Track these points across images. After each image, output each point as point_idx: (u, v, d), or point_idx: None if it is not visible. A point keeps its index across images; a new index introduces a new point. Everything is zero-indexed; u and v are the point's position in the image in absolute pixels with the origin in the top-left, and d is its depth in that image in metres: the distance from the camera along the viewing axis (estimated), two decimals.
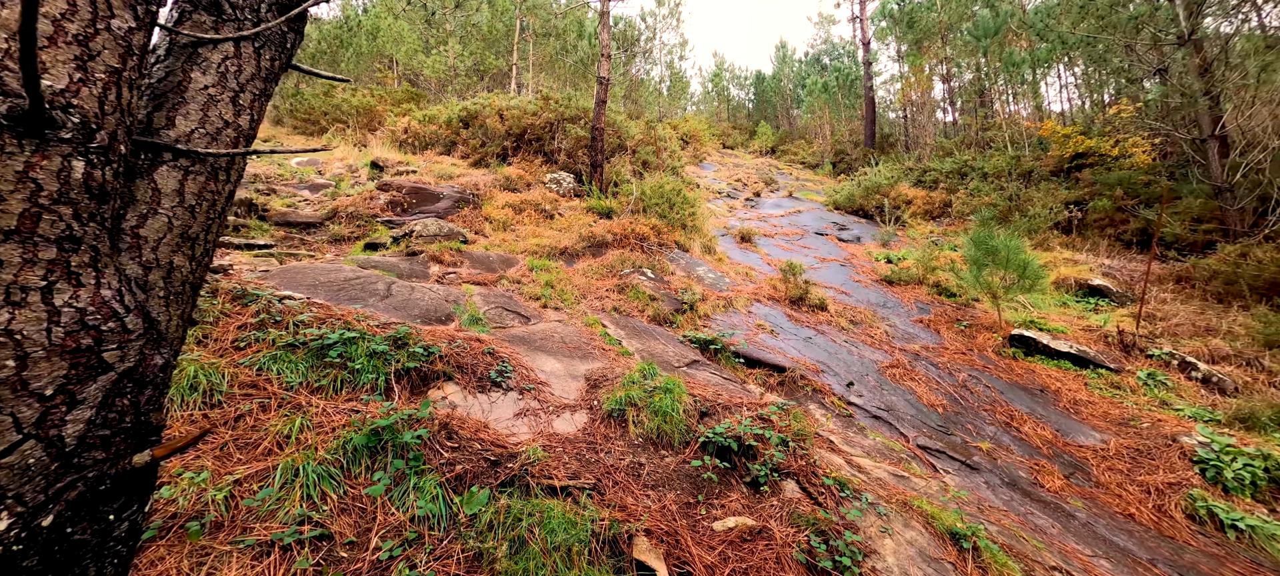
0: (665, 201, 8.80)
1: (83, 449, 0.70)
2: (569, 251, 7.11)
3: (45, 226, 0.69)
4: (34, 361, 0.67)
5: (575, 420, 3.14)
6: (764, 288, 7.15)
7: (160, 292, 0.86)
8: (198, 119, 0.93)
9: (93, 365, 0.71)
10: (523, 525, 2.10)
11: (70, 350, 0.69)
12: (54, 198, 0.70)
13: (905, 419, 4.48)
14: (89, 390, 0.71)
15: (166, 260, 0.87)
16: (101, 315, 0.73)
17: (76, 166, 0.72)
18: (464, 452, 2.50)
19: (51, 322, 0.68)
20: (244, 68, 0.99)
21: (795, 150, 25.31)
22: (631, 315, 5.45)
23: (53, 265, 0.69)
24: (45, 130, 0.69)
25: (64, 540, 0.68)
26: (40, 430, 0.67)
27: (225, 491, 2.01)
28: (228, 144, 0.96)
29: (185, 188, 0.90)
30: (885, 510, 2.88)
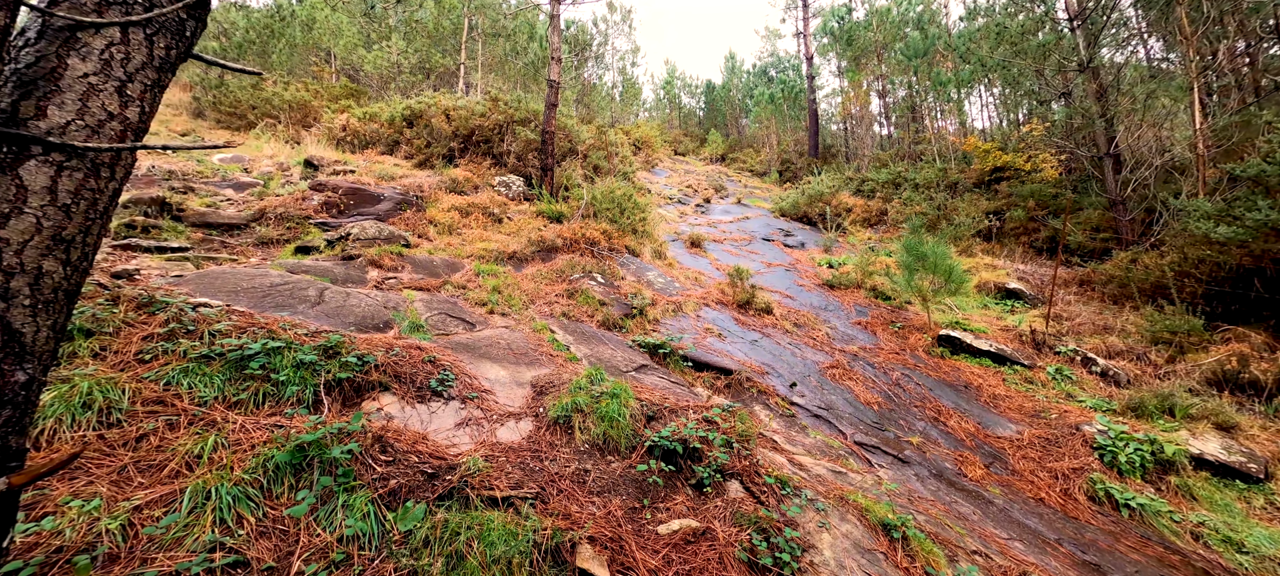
0: (616, 206, 8.82)
1: None
2: (518, 256, 6.98)
3: None
4: None
5: (520, 428, 3.07)
6: (713, 292, 7.29)
7: (25, 301, 0.77)
8: (75, 110, 0.84)
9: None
10: (460, 539, 2.03)
11: None
12: None
13: (844, 417, 4.69)
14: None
15: (34, 265, 0.78)
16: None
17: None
18: (399, 466, 2.39)
19: None
20: (133, 56, 0.91)
21: (744, 158, 26.05)
22: (581, 320, 5.41)
23: None
24: None
25: None
26: None
27: (121, 519, 1.82)
28: (113, 138, 0.88)
29: (58, 185, 0.81)
30: (823, 505, 3.00)
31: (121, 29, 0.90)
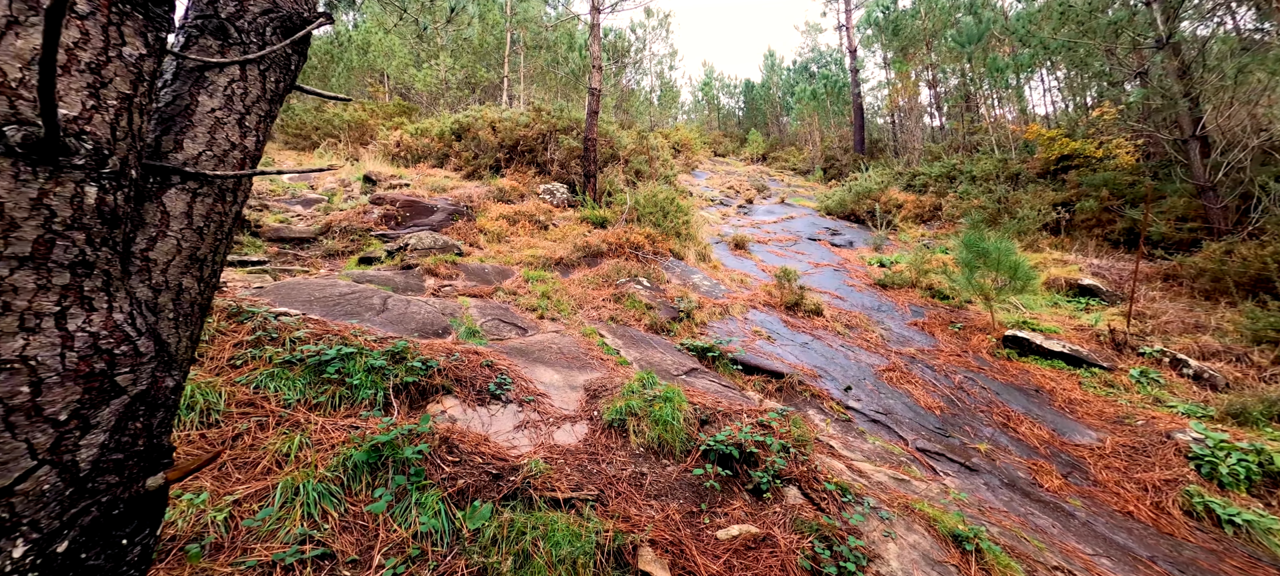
0: (659, 210, 8.84)
1: (97, 473, 0.69)
2: (564, 262, 7.11)
3: (59, 252, 0.69)
4: (48, 387, 0.67)
5: (576, 431, 3.13)
6: (759, 294, 7.18)
7: (170, 315, 0.86)
8: (205, 141, 0.93)
9: (106, 389, 0.71)
10: (527, 539, 2.09)
11: (83, 375, 0.69)
12: (67, 224, 0.70)
13: (904, 422, 4.50)
14: (102, 414, 0.70)
15: (176, 282, 0.87)
16: (114, 339, 0.73)
17: (89, 192, 0.72)
18: (465, 466, 2.48)
19: (65, 348, 0.69)
20: (250, 90, 1.00)
21: (786, 157, 25.53)
22: (628, 324, 5.45)
23: (66, 291, 0.69)
24: (59, 157, 0.69)
25: (78, 566, 0.68)
26: (55, 455, 0.66)
27: (225, 512, 1.99)
28: (234, 165, 0.97)
29: (193, 209, 0.90)
30: (888, 514, 2.89)
31: (240, 67, 0.99)
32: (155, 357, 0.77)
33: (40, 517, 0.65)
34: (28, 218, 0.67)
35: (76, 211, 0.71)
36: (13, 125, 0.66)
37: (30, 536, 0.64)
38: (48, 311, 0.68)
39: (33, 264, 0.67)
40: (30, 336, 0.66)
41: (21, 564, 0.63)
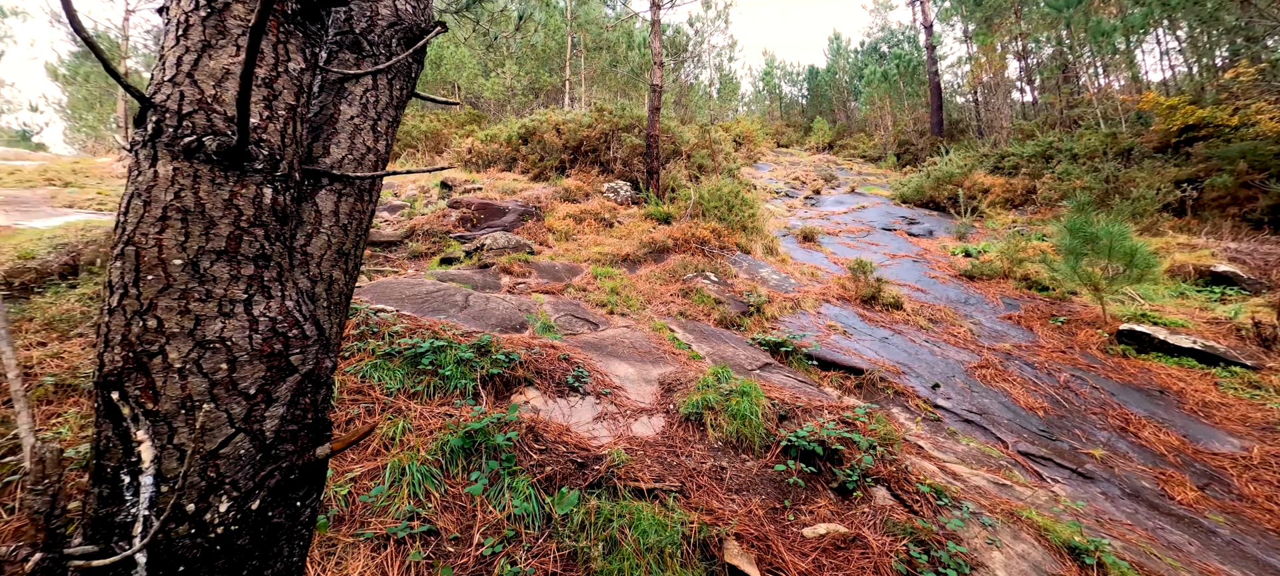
0: (724, 204, 8.71)
1: (278, 442, 0.78)
2: (631, 258, 7.19)
3: (245, 246, 0.79)
4: (240, 365, 0.76)
5: (653, 424, 3.16)
6: (832, 287, 6.89)
7: (324, 304, 0.95)
8: (347, 146, 1.02)
9: (283, 367, 0.80)
10: (614, 526, 2.13)
11: (266, 354, 0.79)
12: (251, 221, 0.79)
13: (1001, 423, 4.16)
14: (281, 389, 0.79)
15: (328, 274, 0.96)
16: (287, 323, 0.82)
17: (267, 193, 0.81)
18: (551, 454, 2.57)
19: (252, 331, 0.78)
20: (381, 98, 1.09)
21: (855, 144, 24.30)
22: (698, 319, 5.42)
23: (251, 280, 0.79)
24: (243, 162, 0.79)
25: (266, 522, 0.77)
26: (247, 425, 0.76)
27: (345, 488, 2.19)
28: (370, 167, 1.06)
29: (340, 208, 0.99)
30: (990, 520, 2.68)
31: (373, 77, 1.07)
32: (317, 341, 0.86)
33: (239, 478, 0.74)
34: (222, 216, 0.76)
35: (257, 210, 0.80)
36: (210, 135, 0.76)
37: (232, 494, 0.73)
38: (238, 298, 0.77)
39: (226, 257, 0.77)
40: (226, 320, 0.76)
41: (226, 517, 0.72)
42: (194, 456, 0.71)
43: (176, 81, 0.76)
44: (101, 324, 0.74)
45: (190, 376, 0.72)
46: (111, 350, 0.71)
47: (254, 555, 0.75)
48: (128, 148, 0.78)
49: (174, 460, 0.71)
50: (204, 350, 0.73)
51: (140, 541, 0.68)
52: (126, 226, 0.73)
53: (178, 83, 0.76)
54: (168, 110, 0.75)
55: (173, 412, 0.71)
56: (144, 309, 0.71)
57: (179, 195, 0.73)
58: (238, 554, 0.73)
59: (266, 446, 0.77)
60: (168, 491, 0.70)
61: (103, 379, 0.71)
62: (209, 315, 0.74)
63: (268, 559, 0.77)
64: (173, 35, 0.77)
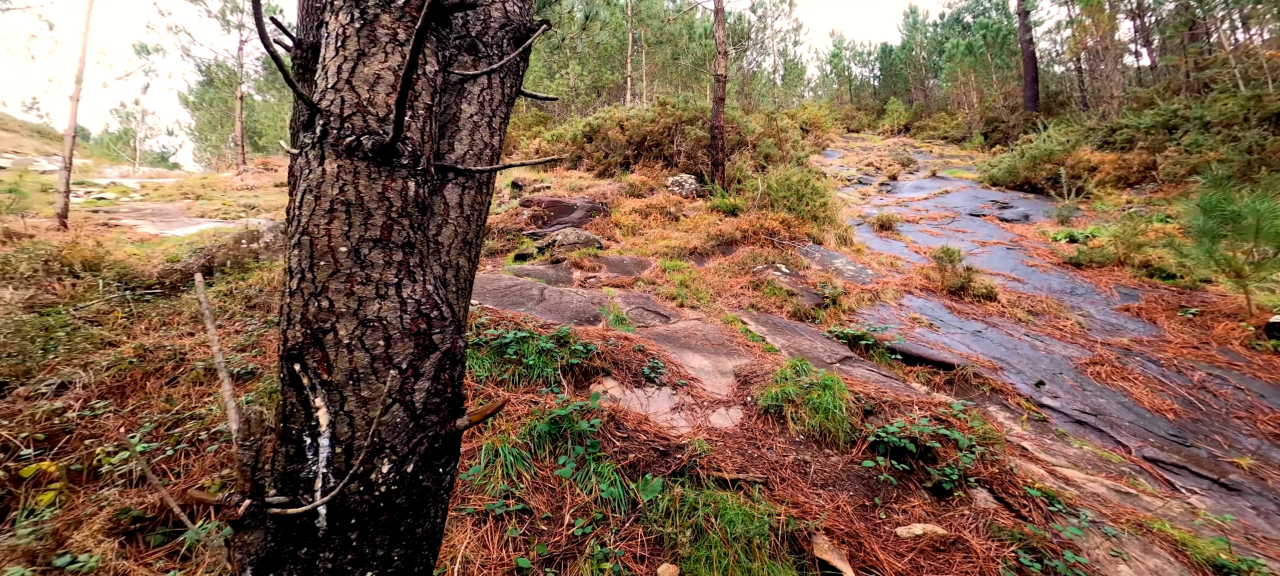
0: (793, 194, 8.43)
1: (425, 412, 0.86)
2: (698, 251, 7.15)
3: (396, 234, 0.87)
4: (394, 341, 0.84)
5: (731, 415, 3.13)
6: (914, 278, 6.48)
7: (453, 288, 1.03)
8: (468, 142, 1.09)
9: (427, 345, 0.88)
10: (699, 514, 2.14)
11: (414, 333, 0.86)
12: (399, 212, 0.87)
13: (1121, 425, 3.73)
14: (426, 365, 0.87)
15: (455, 261, 1.04)
16: (428, 305, 0.89)
17: (411, 186, 0.89)
18: (633, 442, 2.63)
19: (402, 311, 0.86)
20: (494, 96, 1.15)
21: (934, 125, 22.63)
22: (770, 311, 5.30)
23: (400, 266, 0.87)
24: (393, 158, 0.86)
25: (417, 485, 0.85)
26: (401, 396, 0.84)
27: None
28: (486, 161, 1.12)
29: (463, 200, 1.06)
30: (1113, 531, 2.42)
31: (488, 77, 1.14)
32: (452, 321, 0.93)
33: (396, 443, 0.82)
34: (377, 207, 0.85)
35: (404, 202, 0.88)
36: (366, 135, 0.84)
37: (391, 457, 0.81)
38: (391, 282, 0.85)
39: (381, 244, 0.85)
40: (382, 301, 0.84)
41: (387, 478, 0.81)
42: (361, 422, 0.80)
43: (337, 88, 0.85)
44: (283, 304, 0.84)
45: (356, 351, 0.81)
46: (293, 327, 0.81)
47: (408, 513, 0.83)
48: (297, 150, 0.89)
49: (345, 425, 0.79)
50: (366, 328, 0.82)
51: (321, 496, 0.77)
52: (301, 218, 0.83)
53: (338, 89, 0.84)
54: (331, 114, 0.84)
55: (343, 383, 0.80)
56: (318, 291, 0.81)
57: (342, 189, 0.82)
58: (396, 511, 0.82)
59: (417, 415, 0.84)
60: (341, 452, 0.79)
61: (287, 352, 0.82)
62: (369, 297, 0.82)
63: (419, 518, 0.85)
64: (332, 47, 0.86)
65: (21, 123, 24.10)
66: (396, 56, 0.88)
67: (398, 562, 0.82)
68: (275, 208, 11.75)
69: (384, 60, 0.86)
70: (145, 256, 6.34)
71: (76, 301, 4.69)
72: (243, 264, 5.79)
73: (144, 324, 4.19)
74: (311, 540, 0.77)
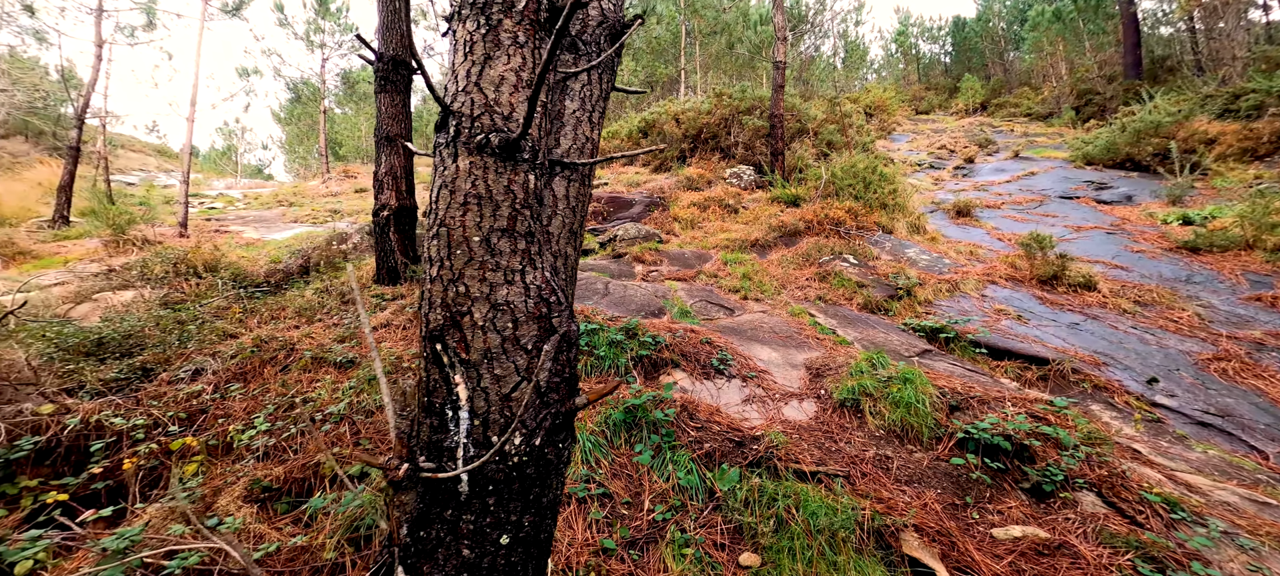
0: (859, 181, 8.08)
1: (548, 391, 0.92)
2: (760, 243, 7.02)
3: (519, 224, 0.93)
4: (521, 324, 0.91)
5: (804, 408, 3.07)
6: (998, 267, 6.04)
7: (562, 275, 1.09)
8: (571, 137, 1.15)
9: (547, 328, 0.94)
10: (779, 505, 2.13)
11: (537, 316, 0.92)
12: (521, 203, 0.94)
13: (1255, 428, 3.32)
14: (548, 346, 0.93)
15: (563, 250, 1.09)
16: (547, 290, 0.95)
17: (530, 179, 0.95)
18: (707, 432, 2.64)
19: (526, 296, 0.92)
20: (593, 92, 1.20)
21: (1016, 102, 20.88)
22: (838, 303, 5.13)
23: (523, 254, 0.93)
24: (516, 154, 0.93)
25: (543, 458, 0.91)
26: (528, 374, 0.90)
27: None
28: (588, 155, 1.17)
29: (569, 193, 1.11)
30: (1250, 543, 2.17)
31: (587, 73, 1.18)
32: (566, 306, 0.98)
33: (526, 418, 0.88)
34: (503, 200, 0.91)
35: (526, 194, 0.94)
36: (494, 132, 0.91)
37: (522, 431, 0.88)
38: (516, 269, 0.92)
39: (507, 233, 0.91)
40: (509, 287, 0.91)
41: (519, 449, 0.87)
42: (495, 398, 0.87)
43: (467, 90, 0.92)
44: (425, 289, 0.93)
45: (489, 333, 0.88)
46: (434, 310, 0.90)
47: (536, 484, 0.89)
48: (431, 150, 0.97)
49: (481, 400, 0.87)
50: (497, 311, 0.89)
51: (463, 465, 0.85)
52: (438, 211, 0.91)
53: (467, 91, 0.92)
54: (463, 114, 0.91)
55: (479, 361, 0.87)
56: (455, 277, 0.88)
57: (474, 184, 0.89)
58: (526, 481, 0.88)
59: (542, 393, 0.90)
60: (479, 424, 0.86)
61: (429, 333, 0.90)
62: (499, 282, 0.89)
63: (544, 488, 0.91)
64: (460, 53, 0.94)
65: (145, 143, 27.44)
66: (517, 58, 0.94)
67: (528, 528, 0.88)
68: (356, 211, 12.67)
69: (507, 62, 0.92)
70: (252, 258, 7.05)
71: (201, 298, 5.29)
72: (334, 263, 6.32)
73: (256, 318, 4.67)
74: (455, 503, 0.84)
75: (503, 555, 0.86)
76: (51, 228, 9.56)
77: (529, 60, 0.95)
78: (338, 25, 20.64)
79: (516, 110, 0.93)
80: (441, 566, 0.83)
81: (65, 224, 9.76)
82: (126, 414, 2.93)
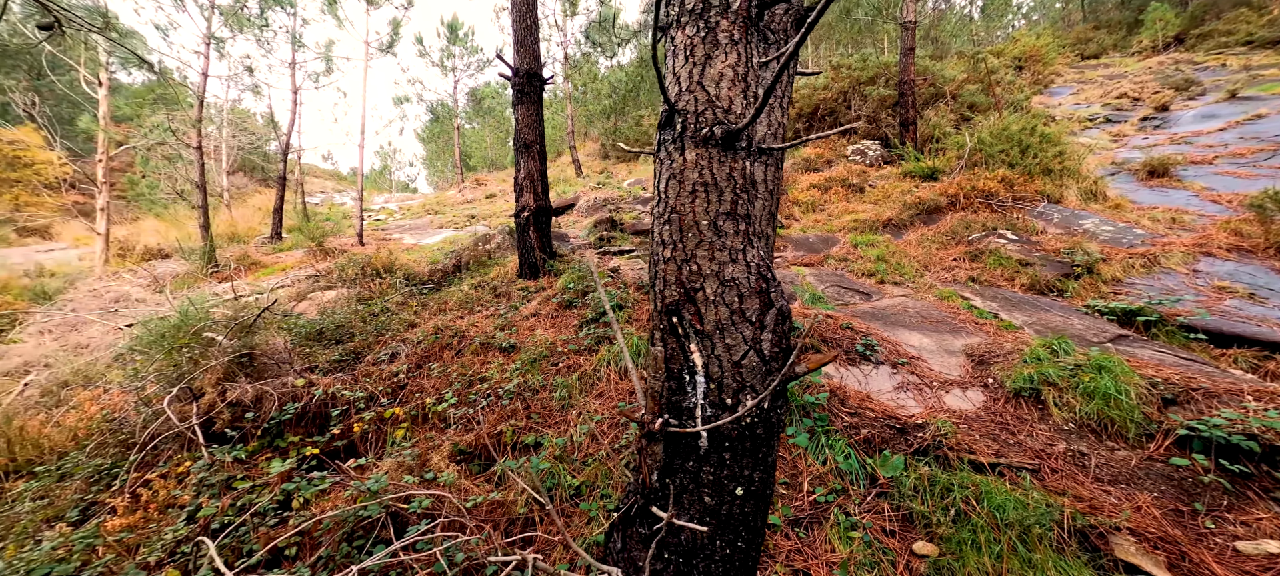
0: (1013, 146, 7.11)
1: (772, 359, 1.00)
2: (893, 223, 6.52)
3: (739, 207, 1.01)
4: (745, 298, 0.99)
5: (969, 397, 2.83)
6: (1215, 235, 4.95)
7: (764, 254, 1.15)
8: (767, 123, 1.20)
9: (767, 302, 1.01)
10: (955, 495, 2.01)
11: (758, 291, 1.00)
12: (740, 188, 1.02)
13: None
14: (768, 318, 1.01)
15: (763, 231, 1.16)
16: (764, 267, 1.03)
17: (747, 166, 1.03)
18: (862, 418, 2.56)
19: (748, 272, 1.00)
20: (782, 78, 1.24)
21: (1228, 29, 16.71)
22: (997, 284, 4.60)
23: (744, 234, 1.02)
24: (735, 143, 1.01)
25: (768, 420, 0.99)
26: (754, 344, 0.98)
27: None
28: (780, 140, 1.22)
29: (767, 176, 1.17)
30: None
31: (776, 61, 1.23)
32: (777, 282, 1.05)
33: (755, 383, 0.97)
34: (726, 186, 1.00)
35: (743, 180, 1.02)
36: (716, 125, 1.00)
37: (752, 395, 0.96)
38: (739, 247, 1.00)
39: (731, 216, 1.00)
40: (733, 264, 1.00)
41: (750, 411, 0.96)
42: (728, 365, 0.96)
43: (690, 89, 1.02)
44: (658, 270, 1.06)
45: (719, 306, 0.98)
46: (669, 287, 1.02)
47: (764, 443, 0.98)
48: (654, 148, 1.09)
49: (716, 366, 0.97)
50: (725, 287, 0.98)
51: (701, 423, 0.96)
52: (668, 199, 1.03)
53: (691, 90, 1.02)
54: (688, 112, 1.02)
55: (712, 332, 0.97)
56: (688, 257, 0.99)
57: (701, 173, 0.99)
58: (755, 440, 0.97)
59: (766, 361, 0.98)
60: (714, 387, 0.97)
61: (665, 307, 1.03)
62: (725, 260, 0.99)
63: (769, 448, 1.00)
64: (680, 56, 1.05)
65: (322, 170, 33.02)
66: (733, 55, 1.02)
67: (757, 482, 0.97)
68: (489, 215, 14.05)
69: (725, 60, 1.01)
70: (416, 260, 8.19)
71: (384, 295, 6.26)
72: (482, 261, 7.10)
73: (427, 310, 5.43)
74: (695, 456, 0.96)
75: (738, 505, 0.95)
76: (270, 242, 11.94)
77: (743, 55, 1.03)
78: (466, 49, 22.91)
79: (735, 103, 1.01)
80: (686, 510, 0.95)
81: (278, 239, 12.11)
82: (350, 388, 3.61)
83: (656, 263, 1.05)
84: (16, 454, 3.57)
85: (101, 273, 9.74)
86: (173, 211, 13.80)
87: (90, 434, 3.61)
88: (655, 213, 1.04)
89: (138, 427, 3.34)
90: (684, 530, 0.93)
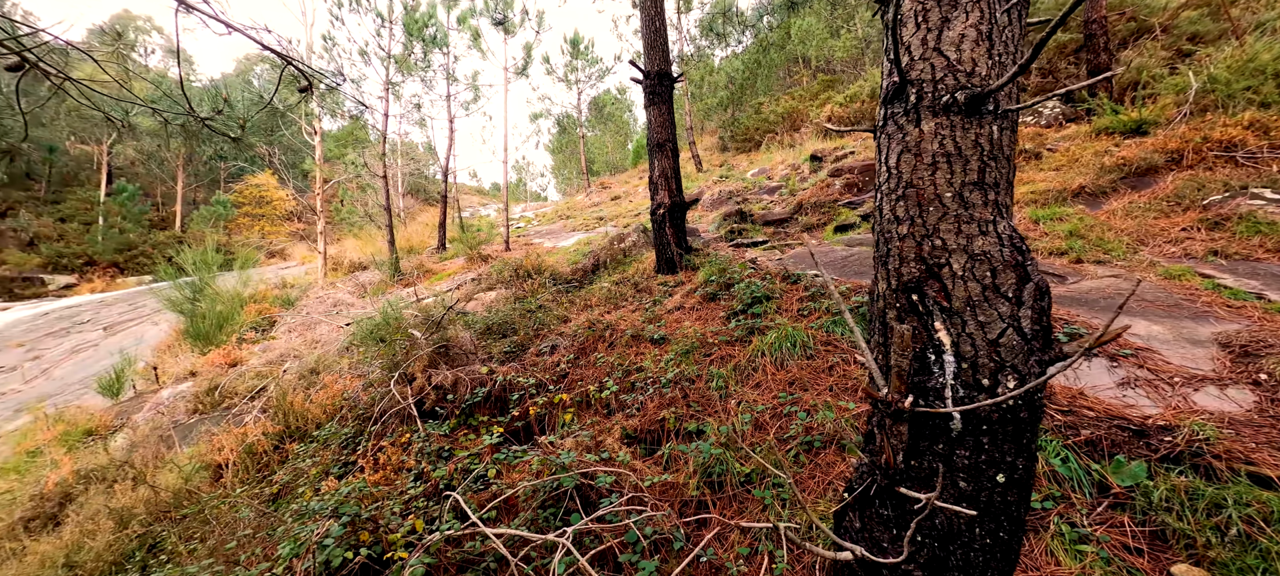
0: (1266, 79, 5.55)
1: (1032, 337, 0.92)
2: (1086, 191, 5.49)
3: (988, 176, 0.95)
4: (998, 272, 0.93)
5: (1230, 396, 2.29)
6: None
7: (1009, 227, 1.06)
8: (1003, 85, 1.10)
9: (1023, 276, 0.93)
10: (1230, 512, 1.65)
11: (1013, 264, 0.93)
12: (987, 155, 0.96)
13: None
14: (1026, 293, 0.93)
15: (1004, 201, 1.06)
16: (1017, 239, 0.95)
17: (993, 131, 0.97)
18: (1079, 418, 2.22)
19: (1000, 244, 0.94)
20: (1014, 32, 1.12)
21: None
22: (1255, 258, 3.64)
23: (994, 204, 0.95)
24: (981, 106, 0.95)
25: (1035, 403, 0.92)
26: (1011, 321, 0.92)
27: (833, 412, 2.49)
28: (1013, 100, 1.10)
29: (1003, 139, 1.07)
30: None
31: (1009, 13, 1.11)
32: (1030, 255, 0.95)
33: (1016, 363, 0.90)
34: (972, 154, 0.95)
35: (991, 145, 0.96)
36: (960, 91, 0.95)
37: (1015, 375, 0.90)
38: (988, 219, 0.94)
39: (978, 186, 0.95)
40: (984, 237, 0.94)
41: (1011, 392, 0.89)
42: (982, 343, 0.91)
43: (925, 56, 0.98)
44: (889, 248, 1.03)
45: (969, 282, 0.93)
46: (907, 265, 0.99)
47: (1028, 427, 0.91)
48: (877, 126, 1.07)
49: (968, 345, 0.92)
50: (975, 261, 0.93)
51: (952, 404, 0.91)
52: (902, 174, 1.00)
53: (925, 57, 0.98)
54: (924, 81, 0.98)
55: (961, 309, 0.93)
56: (929, 232, 0.96)
57: (941, 143, 0.95)
58: (1018, 424, 0.90)
59: (1027, 339, 0.91)
60: (967, 367, 0.92)
61: (902, 285, 1.00)
62: (974, 233, 0.93)
63: (1033, 433, 0.92)
64: (912, 24, 1.01)
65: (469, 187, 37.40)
66: (975, 13, 0.96)
67: (1021, 470, 0.90)
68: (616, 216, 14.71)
69: (966, 20, 0.95)
70: (557, 262, 8.89)
71: (535, 294, 6.89)
72: (619, 260, 7.47)
73: (575, 306, 5.87)
74: (946, 439, 0.92)
75: (999, 493, 0.90)
76: (437, 252, 13.83)
77: (986, 11, 0.96)
78: (587, 60, 24.22)
79: (979, 65, 0.95)
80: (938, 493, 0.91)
81: (443, 249, 13.97)
82: (523, 375, 4.04)
83: (890, 240, 1.02)
84: (290, 423, 4.62)
85: (322, 283, 12.17)
86: (366, 231, 16.65)
87: (336, 409, 4.53)
88: (883, 189, 1.02)
89: (370, 405, 4.13)
90: (940, 513, 0.90)
